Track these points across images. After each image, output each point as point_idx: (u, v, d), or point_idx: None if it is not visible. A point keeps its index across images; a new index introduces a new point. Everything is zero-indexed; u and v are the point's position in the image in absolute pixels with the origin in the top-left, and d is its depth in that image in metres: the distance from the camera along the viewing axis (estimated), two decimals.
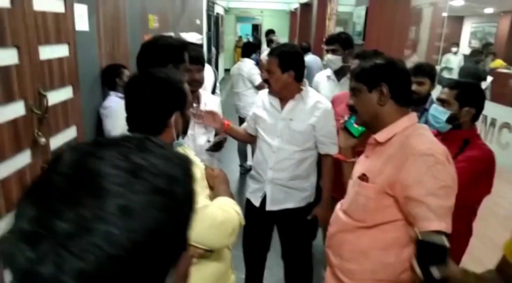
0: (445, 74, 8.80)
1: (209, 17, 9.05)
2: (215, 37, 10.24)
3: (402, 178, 1.23)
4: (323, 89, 2.89)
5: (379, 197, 1.30)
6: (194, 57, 2.15)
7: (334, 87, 2.84)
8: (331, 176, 2.12)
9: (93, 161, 0.45)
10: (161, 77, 1.24)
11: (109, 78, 2.62)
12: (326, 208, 2.10)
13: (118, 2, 2.95)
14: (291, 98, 2.05)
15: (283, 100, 2.07)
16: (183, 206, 0.50)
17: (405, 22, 3.19)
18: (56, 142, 2.05)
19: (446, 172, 1.24)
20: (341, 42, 2.83)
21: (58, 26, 2.03)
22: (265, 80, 2.05)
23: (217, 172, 1.44)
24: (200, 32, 7.66)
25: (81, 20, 2.32)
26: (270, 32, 7.57)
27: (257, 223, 2.20)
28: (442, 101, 1.84)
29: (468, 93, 1.81)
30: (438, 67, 8.86)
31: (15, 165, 1.70)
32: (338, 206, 1.53)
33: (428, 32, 4.23)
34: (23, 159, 1.76)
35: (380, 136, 1.37)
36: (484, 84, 6.54)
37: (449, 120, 1.80)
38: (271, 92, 2.09)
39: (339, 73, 2.84)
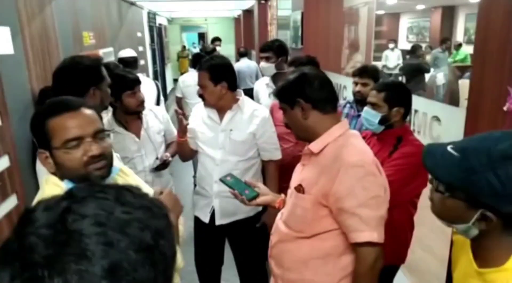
0: (385, 70, 9.21)
1: (151, 28, 8.90)
2: (159, 49, 10.08)
3: (334, 189, 1.25)
4: (262, 97, 2.91)
5: (315, 207, 1.31)
6: (134, 79, 2.13)
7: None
8: (276, 181, 2.13)
9: (74, 219, 0.42)
10: None
11: (42, 102, 2.49)
12: (274, 215, 2.11)
13: (46, 21, 2.82)
14: (229, 109, 2.04)
15: (221, 112, 2.06)
16: (168, 259, 0.47)
17: (340, 23, 3.28)
18: None
19: (376, 182, 1.27)
20: (274, 50, 2.86)
21: None
22: (200, 95, 2.03)
23: (164, 194, 1.26)
24: (143, 45, 7.51)
25: (4, 43, 2.21)
26: (215, 39, 7.58)
27: (208, 238, 2.17)
28: (372, 104, 1.91)
29: (395, 94, 1.89)
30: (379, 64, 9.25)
31: None
32: (279, 216, 1.53)
33: (365, 31, 4.38)
34: None
35: (314, 147, 1.36)
36: (438, 80, 6.88)
37: (381, 121, 1.87)
38: (207, 106, 2.07)
39: (276, 80, 2.88)
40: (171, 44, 13.94)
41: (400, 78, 7.58)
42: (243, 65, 5.69)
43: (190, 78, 4.60)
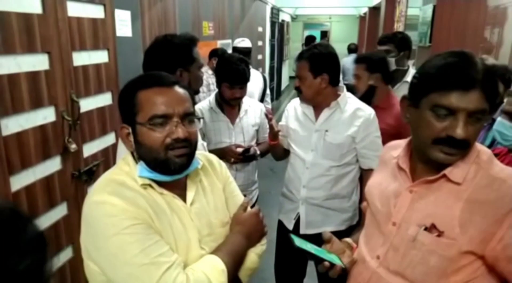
0: None
1: (273, 24, 8.98)
2: (278, 45, 10.14)
3: (502, 234, 0.89)
4: None
5: (460, 257, 0.94)
6: (238, 78, 2.05)
7: None
8: None
9: None
10: None
11: None
12: None
13: (167, 8, 2.93)
14: (327, 106, 1.82)
15: (318, 109, 1.84)
16: None
17: (480, 23, 2.79)
18: (91, 148, 2.03)
19: None
20: (395, 42, 2.52)
21: (96, 32, 2.01)
22: (296, 88, 1.85)
23: (248, 214, 1.14)
24: (263, 40, 7.61)
25: (123, 26, 2.31)
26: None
27: (291, 246, 1.99)
28: (510, 115, 1.51)
29: None
30: None
31: (43, 171, 1.69)
32: (374, 263, 1.08)
33: None
34: (52, 165, 1.75)
35: (455, 174, 0.95)
36: None
37: None
38: (303, 100, 1.88)
39: (395, 78, 2.54)
40: (292, 41, 13.99)
41: None
42: (349, 60, 5.49)
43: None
